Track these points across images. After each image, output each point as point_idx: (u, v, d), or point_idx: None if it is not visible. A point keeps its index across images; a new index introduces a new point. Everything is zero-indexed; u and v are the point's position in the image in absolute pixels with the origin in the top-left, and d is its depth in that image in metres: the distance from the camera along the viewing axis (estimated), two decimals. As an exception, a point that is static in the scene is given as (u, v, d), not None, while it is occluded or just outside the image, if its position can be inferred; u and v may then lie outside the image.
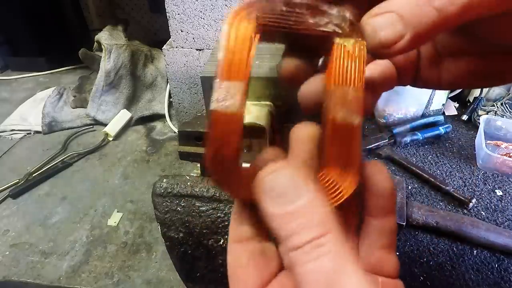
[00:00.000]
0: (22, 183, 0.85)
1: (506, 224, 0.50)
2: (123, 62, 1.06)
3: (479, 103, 0.72)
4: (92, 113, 1.05)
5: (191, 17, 0.77)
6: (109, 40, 1.06)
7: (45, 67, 1.37)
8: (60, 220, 0.77)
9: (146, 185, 0.86)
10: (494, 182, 0.57)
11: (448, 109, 0.76)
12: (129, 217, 0.78)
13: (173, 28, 0.79)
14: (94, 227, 0.75)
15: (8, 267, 0.67)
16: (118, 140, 1.03)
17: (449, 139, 0.67)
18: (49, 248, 0.71)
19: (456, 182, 0.58)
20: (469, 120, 0.72)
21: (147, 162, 0.95)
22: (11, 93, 1.26)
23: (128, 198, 0.83)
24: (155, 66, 1.16)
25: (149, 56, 1.17)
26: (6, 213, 0.79)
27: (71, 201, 0.82)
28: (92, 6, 1.38)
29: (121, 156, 0.97)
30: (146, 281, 0.65)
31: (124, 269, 0.67)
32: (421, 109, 0.70)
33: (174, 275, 0.64)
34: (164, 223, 0.51)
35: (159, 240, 0.72)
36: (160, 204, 0.51)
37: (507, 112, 0.67)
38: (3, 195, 0.82)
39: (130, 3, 1.39)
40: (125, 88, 1.10)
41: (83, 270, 0.67)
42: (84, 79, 1.25)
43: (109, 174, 0.90)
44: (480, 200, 0.54)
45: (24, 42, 1.33)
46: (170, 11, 0.76)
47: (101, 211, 0.79)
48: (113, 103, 1.08)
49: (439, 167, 0.61)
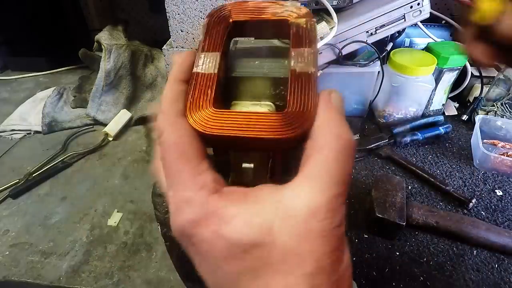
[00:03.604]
0: (22, 183, 0.85)
1: (506, 224, 0.50)
2: (123, 62, 1.06)
3: (479, 103, 0.72)
4: (92, 113, 1.05)
5: (191, 17, 0.77)
6: (109, 40, 1.06)
7: (45, 67, 1.37)
8: (60, 220, 0.77)
9: (146, 185, 0.86)
10: (494, 182, 0.57)
11: (448, 109, 0.76)
12: (129, 217, 0.78)
13: (173, 28, 0.79)
14: (94, 227, 0.75)
15: (8, 267, 0.67)
16: (118, 140, 1.03)
17: (449, 139, 0.67)
18: (49, 248, 0.71)
19: (456, 182, 0.58)
20: (469, 120, 0.72)
21: (147, 162, 0.95)
22: (11, 93, 1.26)
23: (128, 198, 0.83)
24: (155, 66, 1.16)
25: (149, 56, 1.17)
26: (6, 213, 0.79)
27: (71, 201, 0.82)
28: (92, 6, 1.38)
29: (121, 156, 0.97)
30: (146, 281, 0.65)
31: (124, 269, 0.67)
32: (421, 109, 0.70)
33: (174, 275, 0.64)
34: (164, 223, 0.51)
35: (159, 240, 0.72)
36: (160, 204, 0.51)
37: (507, 112, 0.67)
38: (3, 195, 0.82)
39: (130, 3, 1.39)
40: (125, 88, 1.10)
41: (83, 270, 0.67)
42: (84, 79, 1.25)
43: (109, 174, 0.90)
44: (480, 200, 0.54)
45: (24, 42, 1.32)
46: (170, 11, 0.76)
47: (101, 211, 0.79)
48: (113, 103, 1.08)
49: (439, 167, 0.61)
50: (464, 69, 0.73)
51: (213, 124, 0.19)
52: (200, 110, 0.20)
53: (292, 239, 0.17)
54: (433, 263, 0.47)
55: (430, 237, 0.50)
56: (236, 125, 0.19)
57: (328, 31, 0.64)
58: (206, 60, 0.22)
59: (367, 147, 0.63)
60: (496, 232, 0.47)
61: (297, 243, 0.17)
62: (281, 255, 0.17)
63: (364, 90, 0.71)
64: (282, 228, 0.17)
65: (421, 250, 0.48)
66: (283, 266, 0.17)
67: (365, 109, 0.74)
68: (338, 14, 0.67)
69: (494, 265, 0.46)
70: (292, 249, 0.17)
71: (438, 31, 0.87)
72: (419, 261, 0.47)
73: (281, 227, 0.17)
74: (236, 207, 0.18)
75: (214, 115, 0.20)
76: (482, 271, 0.46)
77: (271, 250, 0.17)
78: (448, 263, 0.47)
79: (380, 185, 0.52)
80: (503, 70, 0.68)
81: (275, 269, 0.17)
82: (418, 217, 0.49)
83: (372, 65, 0.67)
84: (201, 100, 0.20)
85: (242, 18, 0.24)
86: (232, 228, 0.17)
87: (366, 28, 0.65)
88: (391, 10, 0.65)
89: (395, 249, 0.49)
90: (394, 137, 0.65)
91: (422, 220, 0.49)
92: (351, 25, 0.65)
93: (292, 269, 0.17)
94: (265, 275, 0.17)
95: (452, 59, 0.65)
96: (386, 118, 0.71)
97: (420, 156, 0.63)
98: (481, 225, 0.48)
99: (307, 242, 0.17)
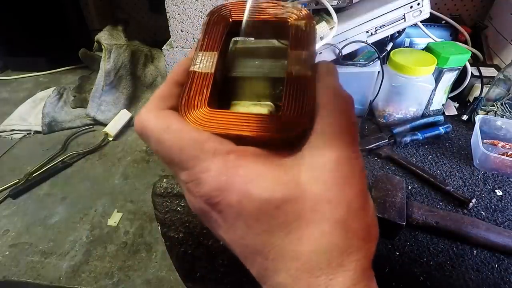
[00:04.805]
0: (22, 183, 0.85)
1: (506, 224, 0.50)
2: (123, 62, 1.06)
3: (479, 103, 0.72)
4: (92, 113, 1.05)
5: (191, 17, 0.77)
6: (109, 40, 1.06)
7: (45, 67, 1.37)
8: (60, 220, 0.77)
9: (146, 185, 0.87)
10: (494, 182, 0.57)
11: (448, 109, 0.76)
12: (129, 217, 0.78)
13: (173, 28, 0.79)
14: (94, 227, 0.75)
15: (8, 267, 0.67)
16: (118, 140, 1.03)
17: (449, 139, 0.67)
18: (49, 248, 0.71)
19: (456, 182, 0.58)
20: (469, 120, 0.72)
21: (147, 162, 0.95)
22: (11, 93, 1.26)
23: (128, 198, 0.83)
24: (155, 66, 1.16)
25: (149, 56, 1.17)
26: (6, 213, 0.79)
27: (71, 201, 0.82)
28: (92, 6, 1.38)
29: (121, 156, 0.97)
30: (146, 281, 0.65)
31: (124, 269, 0.67)
32: (421, 109, 0.70)
33: (174, 275, 0.64)
34: (164, 223, 0.51)
35: (159, 240, 0.72)
36: (160, 204, 0.51)
37: (507, 112, 0.67)
38: (3, 195, 0.82)
39: (130, 3, 1.39)
40: (125, 88, 1.10)
41: (83, 270, 0.67)
42: (84, 79, 1.25)
43: (109, 174, 0.90)
44: (480, 200, 0.54)
45: (24, 42, 1.32)
46: (170, 11, 0.76)
47: (101, 211, 0.79)
48: (113, 103, 1.08)
49: (439, 167, 0.61)
50: (464, 69, 0.73)
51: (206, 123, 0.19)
52: (194, 109, 0.20)
53: (321, 188, 0.17)
54: (433, 263, 0.47)
55: (430, 237, 0.50)
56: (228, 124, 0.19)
57: (328, 31, 0.64)
58: (203, 59, 0.22)
59: (367, 147, 0.63)
60: (496, 232, 0.47)
61: (326, 190, 0.17)
62: (312, 205, 0.17)
63: (364, 90, 0.71)
64: (310, 180, 0.17)
65: (421, 250, 0.48)
66: (316, 215, 0.17)
67: (365, 109, 0.74)
68: (338, 14, 0.67)
69: (494, 265, 0.46)
70: (322, 197, 0.17)
71: (438, 31, 0.87)
72: (419, 261, 0.47)
73: (309, 179, 0.17)
74: (259, 166, 0.18)
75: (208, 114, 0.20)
76: (482, 271, 0.46)
77: (303, 202, 0.17)
78: (448, 263, 0.47)
79: (380, 185, 0.52)
80: (503, 70, 0.68)
81: (309, 220, 0.17)
82: (418, 217, 0.49)
83: (372, 65, 0.67)
84: (196, 99, 0.20)
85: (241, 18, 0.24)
86: (261, 186, 0.17)
87: (366, 28, 0.65)
88: (391, 10, 0.64)
89: (395, 249, 0.49)
90: (394, 137, 0.65)
91: (422, 220, 0.49)
92: (351, 25, 0.65)
93: (326, 216, 0.17)
94: (298, 229, 0.17)
95: (452, 59, 0.65)
96: (386, 118, 0.71)
97: (420, 156, 0.63)
98: (481, 225, 0.48)
99: (337, 188, 0.17)
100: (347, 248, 0.17)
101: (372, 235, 0.18)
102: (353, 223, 0.17)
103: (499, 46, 0.88)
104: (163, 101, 0.21)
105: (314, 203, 0.17)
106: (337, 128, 0.19)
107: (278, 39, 0.27)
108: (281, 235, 0.17)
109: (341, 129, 0.19)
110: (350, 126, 0.19)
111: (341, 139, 0.18)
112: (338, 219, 0.17)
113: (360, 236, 0.17)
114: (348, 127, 0.19)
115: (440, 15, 0.88)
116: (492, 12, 0.99)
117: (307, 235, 0.17)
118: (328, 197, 0.17)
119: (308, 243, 0.17)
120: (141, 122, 0.20)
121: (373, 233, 0.18)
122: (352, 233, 0.17)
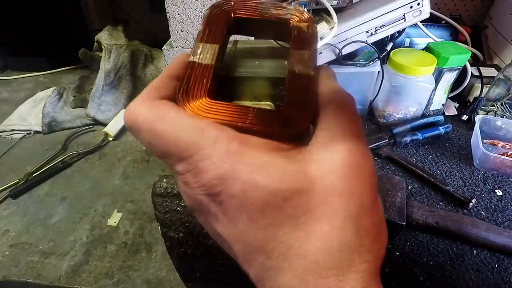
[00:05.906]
0: (22, 183, 0.85)
1: (506, 224, 0.50)
2: (123, 62, 1.06)
3: (479, 103, 0.72)
4: (92, 113, 1.05)
5: (191, 17, 0.77)
6: (109, 40, 1.06)
7: (45, 67, 1.37)
8: (60, 220, 0.77)
9: (146, 185, 0.87)
10: (494, 182, 0.57)
11: (448, 109, 0.76)
12: (129, 217, 0.78)
13: (173, 28, 0.79)
14: (94, 227, 0.75)
15: (8, 267, 0.67)
16: (118, 140, 1.03)
17: (449, 139, 0.67)
18: (49, 248, 0.71)
19: (456, 182, 0.58)
20: (469, 120, 0.72)
21: (147, 162, 0.95)
22: (11, 93, 1.26)
23: (128, 198, 0.83)
24: (155, 66, 1.16)
25: (149, 56, 1.17)
26: (6, 213, 0.79)
27: (71, 201, 0.82)
28: (92, 6, 1.38)
29: (121, 156, 0.97)
30: (146, 281, 0.65)
31: (124, 269, 0.67)
32: (421, 109, 0.70)
33: (174, 275, 0.64)
34: (164, 223, 0.51)
35: (159, 240, 0.72)
36: (160, 204, 0.51)
37: (507, 112, 0.67)
38: (3, 195, 0.82)
39: (130, 3, 1.39)
40: (125, 88, 1.10)
41: (83, 270, 0.67)
42: (84, 79, 1.25)
43: (109, 174, 0.90)
44: (480, 200, 0.54)
45: (24, 42, 1.33)
46: (170, 11, 0.76)
47: (101, 211, 0.79)
48: (113, 103, 1.08)
49: (439, 167, 0.61)
50: (464, 69, 0.73)
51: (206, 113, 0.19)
52: (194, 99, 0.19)
53: (332, 181, 0.16)
54: (433, 263, 0.47)
55: (430, 237, 0.50)
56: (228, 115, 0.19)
57: (328, 31, 0.64)
58: (204, 51, 0.21)
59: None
60: (496, 232, 0.47)
61: (338, 184, 0.16)
62: (322, 199, 0.16)
63: (364, 90, 0.71)
64: (320, 172, 0.16)
65: (421, 250, 0.48)
66: (327, 210, 0.16)
67: (365, 109, 0.74)
68: (338, 14, 0.67)
69: (494, 265, 0.46)
70: (333, 190, 0.16)
71: (438, 31, 0.87)
72: (419, 261, 0.47)
73: (318, 172, 0.16)
74: (266, 154, 0.16)
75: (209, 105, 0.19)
76: (482, 271, 0.46)
77: (313, 195, 0.16)
78: (448, 263, 0.47)
79: (380, 185, 0.52)
80: (503, 70, 0.68)
81: (318, 215, 0.16)
82: (418, 217, 0.49)
83: (372, 65, 0.67)
84: (196, 88, 0.19)
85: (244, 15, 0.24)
86: (268, 175, 0.16)
87: (366, 28, 0.65)
88: (391, 10, 0.64)
89: (395, 249, 0.49)
90: (394, 137, 0.65)
91: (422, 220, 0.49)
92: (351, 25, 0.65)
93: (337, 211, 0.16)
94: (306, 224, 0.16)
95: (452, 59, 0.65)
96: (386, 118, 0.71)
97: (420, 156, 0.63)
98: (481, 225, 0.48)
99: (348, 181, 0.16)
100: (358, 247, 0.16)
101: (382, 234, 0.17)
102: (364, 220, 0.16)
103: (499, 46, 0.88)
104: (157, 91, 0.19)
105: (325, 196, 0.16)
106: (343, 122, 0.18)
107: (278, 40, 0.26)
108: (287, 230, 0.16)
109: (347, 123, 0.18)
110: (355, 120, 0.19)
111: (348, 132, 0.18)
112: (349, 214, 0.16)
113: (371, 234, 0.16)
114: (353, 121, 0.18)
115: (440, 15, 0.88)
116: (492, 12, 0.99)
117: (316, 230, 0.16)
118: (339, 190, 0.16)
119: (317, 239, 0.15)
120: (132, 112, 0.18)
121: (383, 233, 0.17)
122: (364, 231, 0.16)
